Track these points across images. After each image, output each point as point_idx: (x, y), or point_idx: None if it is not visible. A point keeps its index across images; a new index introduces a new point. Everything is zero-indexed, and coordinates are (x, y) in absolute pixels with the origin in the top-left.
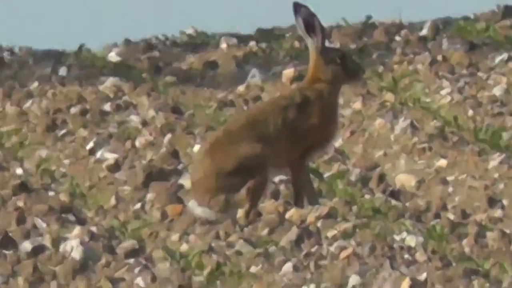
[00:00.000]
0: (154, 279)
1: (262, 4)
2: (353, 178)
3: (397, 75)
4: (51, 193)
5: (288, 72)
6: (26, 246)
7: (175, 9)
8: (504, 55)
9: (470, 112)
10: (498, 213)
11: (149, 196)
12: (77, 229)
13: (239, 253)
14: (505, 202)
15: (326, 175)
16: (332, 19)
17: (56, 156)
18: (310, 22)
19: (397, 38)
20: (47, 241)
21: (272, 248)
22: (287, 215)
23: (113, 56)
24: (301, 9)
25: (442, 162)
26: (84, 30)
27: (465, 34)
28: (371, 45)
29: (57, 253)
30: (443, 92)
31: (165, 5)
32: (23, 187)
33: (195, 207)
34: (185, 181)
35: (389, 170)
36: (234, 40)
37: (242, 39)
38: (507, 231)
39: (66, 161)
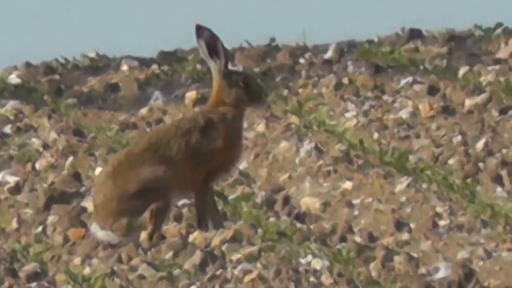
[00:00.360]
0: None
1: (164, 27)
2: (258, 200)
3: (301, 98)
4: None
5: (191, 94)
6: None
7: (76, 31)
8: (409, 78)
9: (376, 135)
10: (405, 236)
11: (51, 219)
12: None
13: (142, 276)
14: (412, 225)
15: (230, 197)
16: (235, 41)
17: None
18: (213, 45)
19: (302, 60)
20: None
21: (176, 272)
22: (191, 238)
23: (13, 78)
24: (203, 32)
25: (348, 185)
26: None
27: (370, 57)
28: (275, 68)
29: None
30: (348, 115)
31: (66, 28)
32: None
33: (97, 231)
34: (88, 204)
35: (294, 193)
36: (136, 63)
37: (144, 62)
38: (414, 254)
39: None
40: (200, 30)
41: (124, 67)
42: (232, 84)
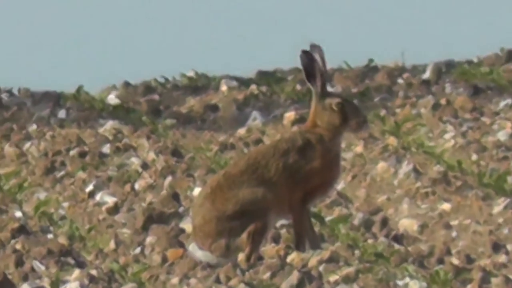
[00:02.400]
0: None
1: (263, 47)
2: (356, 222)
3: (399, 119)
4: (49, 236)
5: (290, 115)
6: None
7: (175, 51)
8: (508, 100)
9: (474, 157)
10: (502, 258)
11: (149, 239)
12: (76, 272)
13: None
14: (509, 247)
15: (328, 219)
16: (334, 62)
17: (55, 198)
18: (310, 68)
19: (400, 81)
20: (46, 284)
21: None
22: (289, 259)
23: (112, 99)
24: (302, 55)
25: (446, 206)
26: (83, 71)
27: (469, 77)
28: (373, 88)
29: None
30: (446, 136)
31: (165, 48)
32: (21, 230)
33: (196, 251)
34: (186, 225)
35: (392, 214)
36: (235, 83)
37: (243, 82)
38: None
39: (65, 204)
40: (302, 52)
41: (223, 87)
42: (325, 107)
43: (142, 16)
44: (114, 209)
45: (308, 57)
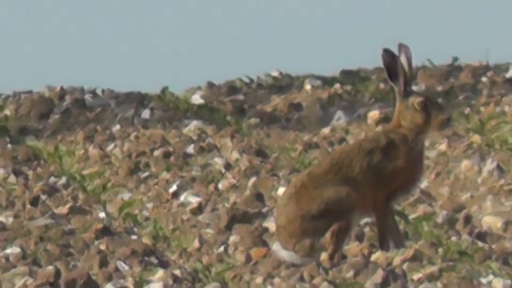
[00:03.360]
0: None
1: (346, 46)
2: (439, 220)
3: (483, 117)
4: (133, 237)
5: (373, 114)
6: None
7: (259, 50)
8: None
9: None
10: None
11: (233, 238)
12: (160, 272)
13: None
14: None
15: (411, 217)
16: (418, 61)
17: (139, 199)
18: (393, 67)
19: (484, 79)
20: (130, 284)
21: None
22: (373, 258)
23: (196, 99)
24: (384, 53)
25: None
26: (167, 72)
27: None
28: (457, 87)
29: None
30: None
31: (249, 47)
32: (105, 231)
33: (280, 250)
34: (270, 224)
35: (476, 212)
36: (319, 82)
37: (327, 81)
38: None
39: (149, 204)
40: (384, 51)
41: (307, 87)
42: (408, 106)
43: (226, 15)
44: (198, 209)
45: (389, 56)
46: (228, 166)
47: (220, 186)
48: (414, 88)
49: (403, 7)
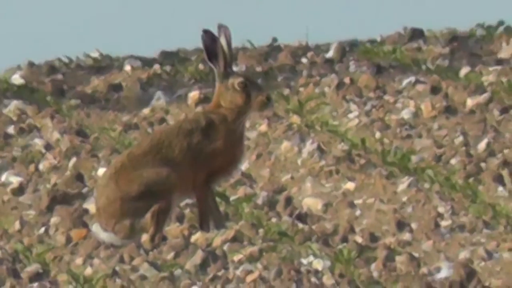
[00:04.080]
0: None
1: (166, 26)
2: (259, 201)
3: (303, 98)
4: None
5: (194, 94)
6: None
7: (79, 31)
8: (411, 78)
9: (378, 135)
10: (406, 236)
11: (54, 220)
12: None
13: (143, 277)
14: (413, 225)
15: (232, 198)
16: (238, 41)
17: None
18: (212, 48)
19: (303, 60)
20: None
21: (177, 272)
22: (193, 239)
23: (16, 79)
24: (203, 35)
25: (350, 185)
26: None
27: (372, 56)
28: (277, 68)
29: None
30: (350, 115)
31: (69, 27)
32: None
33: (99, 232)
34: (90, 205)
35: (296, 193)
36: (139, 63)
37: (146, 62)
38: (416, 254)
39: None
40: (204, 32)
41: (127, 67)
42: (228, 87)
43: None
44: (19, 190)
45: (209, 37)
46: (48, 146)
47: (40, 166)
48: (234, 69)
49: None
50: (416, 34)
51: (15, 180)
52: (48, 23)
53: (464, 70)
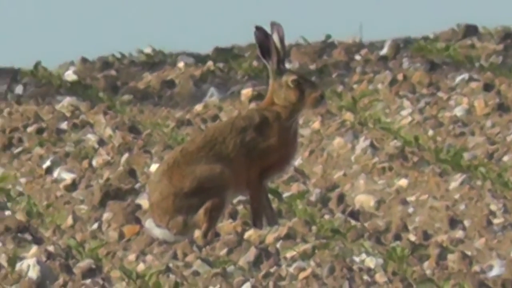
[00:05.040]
0: None
1: (220, 23)
2: (312, 198)
3: (356, 95)
4: (7, 212)
5: (247, 91)
6: None
7: (133, 27)
8: (465, 75)
9: (431, 132)
10: (459, 234)
11: (106, 215)
12: (34, 249)
13: (196, 273)
14: (466, 223)
15: (285, 195)
16: (292, 38)
17: (12, 174)
18: (265, 45)
19: (357, 57)
20: (3, 261)
21: (230, 268)
22: (246, 236)
23: (69, 75)
24: (256, 32)
25: (403, 182)
26: (40, 47)
27: (426, 53)
28: (331, 65)
29: (13, 272)
30: (403, 112)
31: (123, 23)
32: None
33: (153, 228)
34: (142, 201)
35: (349, 190)
36: (192, 59)
37: (200, 58)
38: (468, 252)
39: (23, 180)
40: (256, 29)
41: (180, 64)
42: (281, 85)
43: None
44: (72, 186)
45: (262, 34)
46: (101, 142)
47: (93, 162)
48: (287, 65)
49: None
50: (470, 31)
51: (68, 176)
52: (101, 19)
53: None
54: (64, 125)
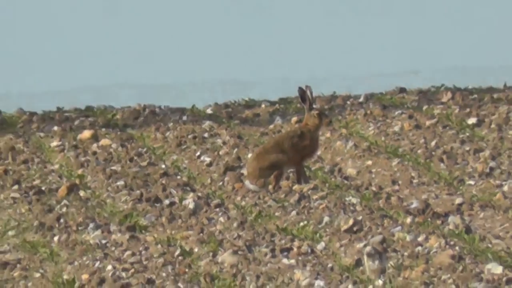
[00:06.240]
0: None
1: (285, 78)
2: (326, 170)
3: (348, 121)
4: None
5: (294, 119)
6: None
7: None
8: None
9: None
10: None
11: (226, 178)
12: None
13: (269, 206)
14: None
15: (313, 168)
16: (317, 93)
17: None
18: (302, 95)
19: (348, 102)
20: None
21: (286, 204)
22: (294, 188)
23: None
24: (299, 89)
25: None
26: None
27: None
28: (335, 106)
29: None
30: None
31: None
32: None
33: (249, 185)
34: (244, 171)
35: (344, 167)
36: (268, 103)
37: (270, 102)
38: None
39: None
40: (299, 88)
41: (263, 105)
42: (311, 115)
43: None
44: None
45: (301, 90)
46: (224, 143)
47: (221, 153)
48: (314, 106)
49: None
50: None
51: (207, 159)
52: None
53: None
54: (206, 134)
